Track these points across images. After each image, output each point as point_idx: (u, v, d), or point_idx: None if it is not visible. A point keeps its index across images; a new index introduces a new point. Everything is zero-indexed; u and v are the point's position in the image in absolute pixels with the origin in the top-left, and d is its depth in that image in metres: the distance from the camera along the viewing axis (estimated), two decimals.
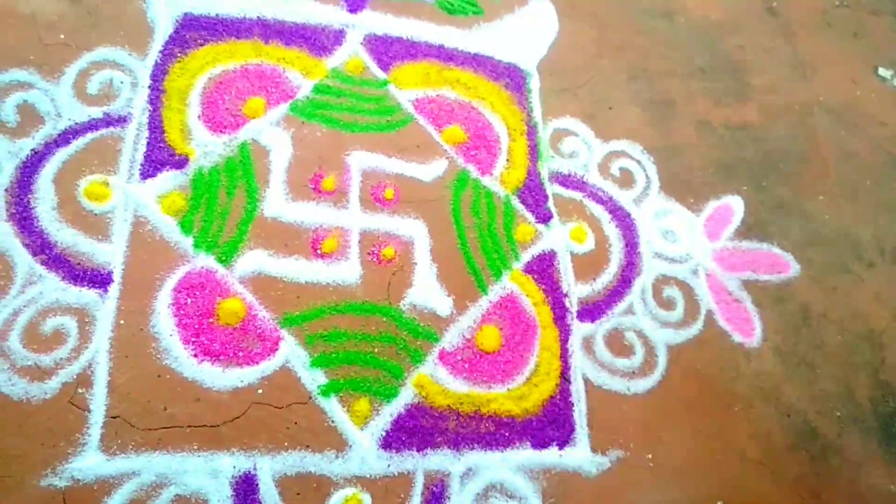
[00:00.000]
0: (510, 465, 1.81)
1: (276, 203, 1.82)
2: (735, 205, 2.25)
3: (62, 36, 1.77)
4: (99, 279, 1.57)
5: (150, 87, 1.81)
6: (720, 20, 2.74)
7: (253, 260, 1.75)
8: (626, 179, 2.20)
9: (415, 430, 1.78)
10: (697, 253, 2.15)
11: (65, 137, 1.67)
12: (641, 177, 2.22)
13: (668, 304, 2.05)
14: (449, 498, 1.72)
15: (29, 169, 1.62)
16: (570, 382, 1.95)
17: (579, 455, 1.88)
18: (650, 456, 1.92)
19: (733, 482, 1.96)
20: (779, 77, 2.68)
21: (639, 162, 2.24)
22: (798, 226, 2.31)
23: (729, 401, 2.06)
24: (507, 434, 1.85)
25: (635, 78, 2.42)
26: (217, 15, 1.97)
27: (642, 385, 1.99)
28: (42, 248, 1.54)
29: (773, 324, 2.14)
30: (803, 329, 2.18)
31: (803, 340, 2.17)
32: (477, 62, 2.24)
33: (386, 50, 2.15)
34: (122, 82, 1.78)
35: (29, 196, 1.59)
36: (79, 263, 1.56)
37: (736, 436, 2.03)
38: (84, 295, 1.53)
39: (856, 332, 2.20)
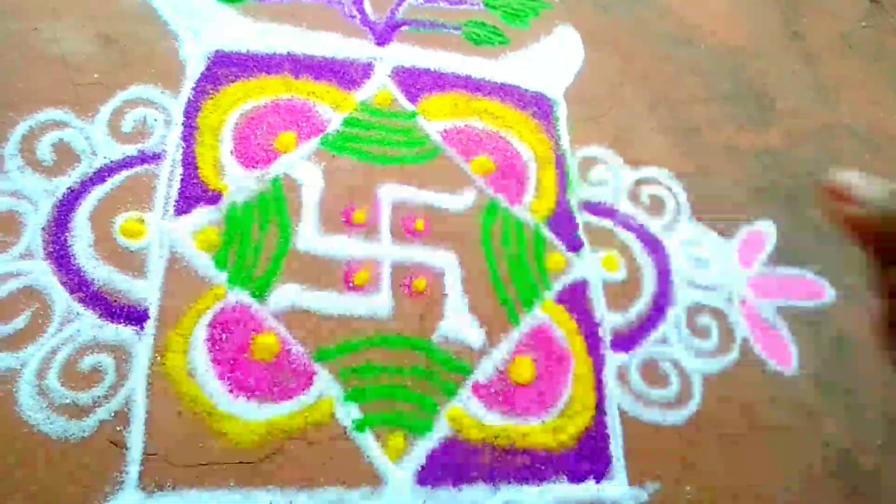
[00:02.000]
0: (547, 499, 1.77)
1: (309, 237, 1.82)
2: (767, 230, 2.21)
3: (96, 75, 1.79)
4: (135, 316, 1.57)
5: (183, 123, 1.82)
6: (742, 45, 2.74)
7: (286, 294, 1.74)
8: (655, 206, 2.18)
9: (450, 465, 1.76)
10: (731, 280, 2.12)
11: (100, 175, 1.68)
12: (671, 203, 2.20)
13: (702, 333, 2.03)
14: None
15: (65, 207, 1.63)
16: (605, 414, 1.91)
17: (617, 488, 1.84)
18: (688, 488, 1.88)
19: None
20: (802, 101, 2.67)
21: (669, 188, 2.22)
22: (832, 250, 2.26)
23: (767, 430, 2.01)
24: (543, 468, 1.82)
25: (659, 104, 2.42)
26: (248, 51, 1.99)
27: (678, 415, 1.94)
28: (79, 285, 1.55)
29: (810, 351, 2.10)
30: (841, 356, 2.14)
31: (841, 367, 2.13)
32: (504, 92, 2.24)
33: (414, 82, 2.16)
34: (155, 120, 1.79)
35: (66, 234, 1.59)
36: (115, 300, 1.56)
37: (774, 466, 1.99)
38: (121, 332, 1.53)
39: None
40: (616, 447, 1.95)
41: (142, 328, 1.59)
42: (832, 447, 2.09)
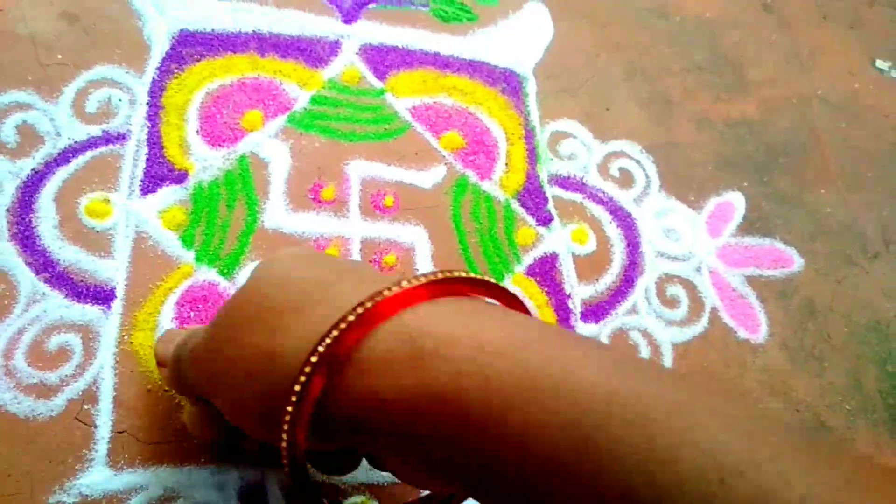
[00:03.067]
0: None
1: (277, 214, 1.82)
2: (736, 201, 2.21)
3: (60, 56, 1.78)
4: (102, 295, 1.57)
5: (148, 103, 1.81)
6: (716, 17, 2.72)
7: None
8: (625, 179, 2.18)
9: None
10: (700, 250, 2.12)
11: (65, 156, 1.68)
12: (641, 176, 2.20)
13: (672, 303, 2.04)
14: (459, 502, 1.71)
15: (30, 188, 1.63)
16: None
17: None
18: None
19: None
20: (777, 71, 2.66)
21: (638, 161, 2.22)
22: (801, 219, 2.28)
23: None
24: None
25: (632, 77, 2.41)
26: (213, 30, 1.97)
27: None
28: (45, 266, 1.55)
29: (779, 318, 2.12)
30: (809, 323, 2.15)
31: (810, 334, 2.14)
32: (473, 68, 2.22)
33: (382, 59, 2.14)
34: (120, 100, 1.78)
35: (31, 215, 1.59)
36: (81, 280, 1.56)
37: None
38: (87, 311, 1.54)
39: (863, 324, 2.18)
40: None
41: (109, 307, 1.59)
42: (802, 413, 2.11)
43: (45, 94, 1.73)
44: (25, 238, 1.56)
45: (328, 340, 0.54)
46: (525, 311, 0.72)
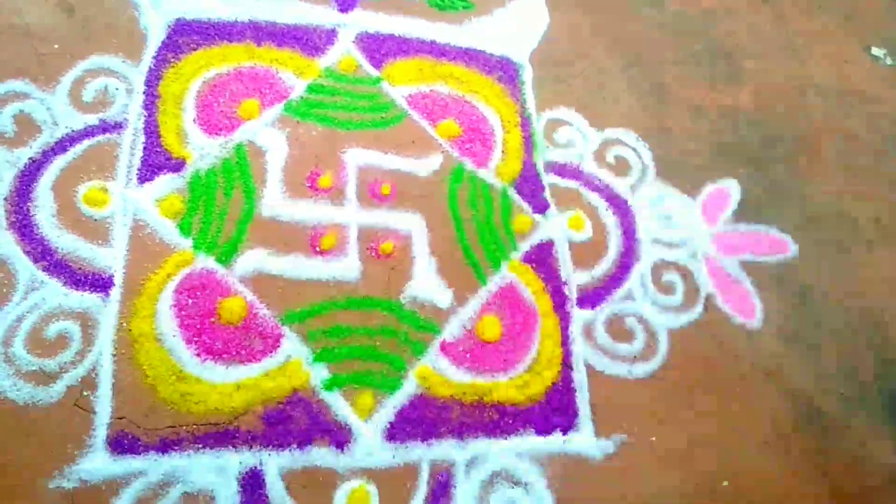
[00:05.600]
0: (515, 451, 1.82)
1: (274, 202, 1.84)
2: (731, 188, 2.25)
3: (56, 46, 1.79)
4: (100, 283, 1.59)
5: (144, 92, 1.83)
6: (711, 6, 2.74)
7: (252, 259, 1.76)
8: (621, 167, 2.20)
9: (419, 421, 1.79)
10: (695, 237, 2.15)
11: (62, 145, 1.69)
12: (637, 164, 2.22)
13: (667, 289, 2.06)
14: (455, 486, 1.73)
15: (28, 177, 1.64)
16: (572, 369, 1.95)
17: (583, 440, 1.88)
18: (654, 439, 1.92)
19: (738, 463, 1.96)
20: (772, 60, 2.68)
21: (634, 149, 2.24)
22: (795, 206, 2.31)
23: (732, 383, 2.06)
24: (510, 422, 1.86)
25: (628, 66, 2.42)
26: (209, 19, 1.99)
27: (644, 369, 1.99)
28: (43, 254, 1.56)
29: (774, 305, 2.14)
30: (804, 309, 2.17)
31: (804, 320, 2.16)
32: (469, 56, 2.26)
33: (378, 47, 2.17)
34: (116, 89, 1.79)
35: (29, 204, 1.61)
36: (80, 268, 1.58)
37: (740, 417, 2.03)
38: (86, 299, 1.55)
39: (857, 311, 2.20)
40: (582, 401, 1.97)
41: (107, 295, 1.61)
42: (797, 398, 2.12)
43: (42, 84, 1.74)
44: (23, 227, 1.57)
45: None
46: None
